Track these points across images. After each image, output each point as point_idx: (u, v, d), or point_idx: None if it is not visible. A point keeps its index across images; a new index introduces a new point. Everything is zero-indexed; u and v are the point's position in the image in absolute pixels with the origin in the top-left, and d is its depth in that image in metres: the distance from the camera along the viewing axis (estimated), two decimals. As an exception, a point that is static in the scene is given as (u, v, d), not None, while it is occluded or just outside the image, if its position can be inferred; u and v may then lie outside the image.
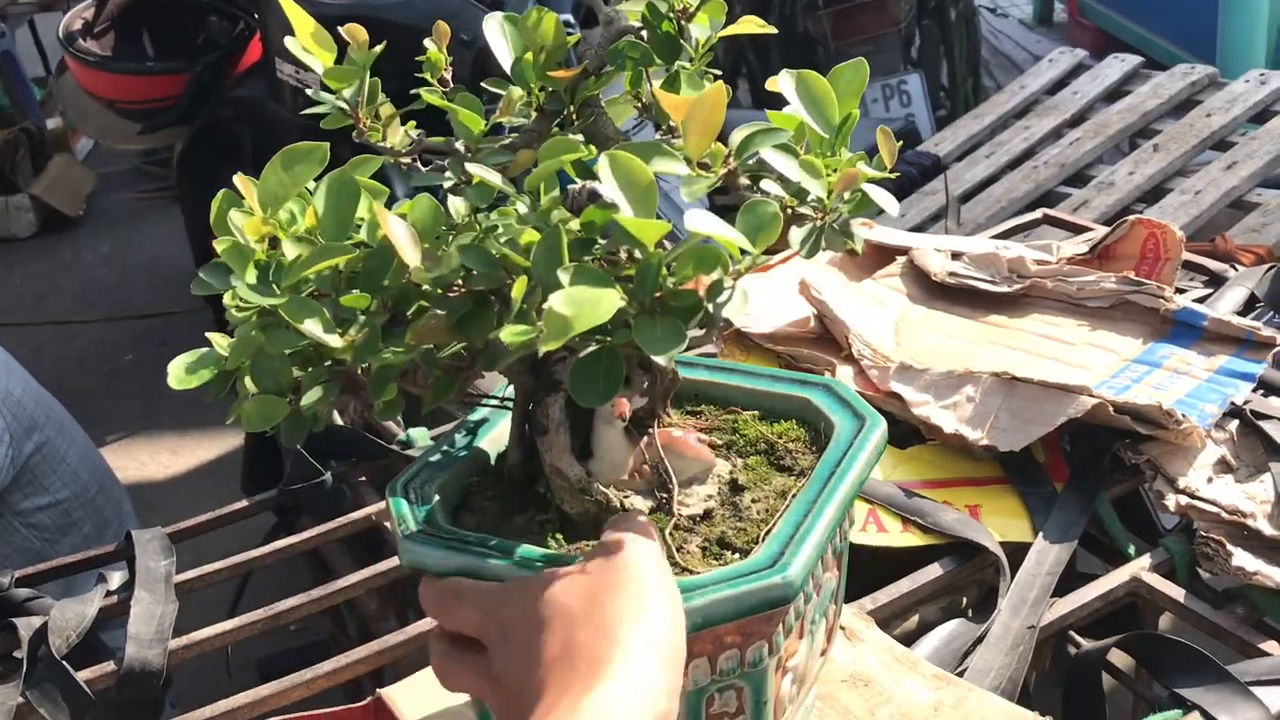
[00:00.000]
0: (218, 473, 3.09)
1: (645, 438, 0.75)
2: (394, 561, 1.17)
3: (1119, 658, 1.01)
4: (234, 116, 2.32)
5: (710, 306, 0.62)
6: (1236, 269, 1.57)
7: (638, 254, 0.62)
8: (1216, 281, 1.54)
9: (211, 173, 2.44)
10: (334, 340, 0.63)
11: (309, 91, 0.73)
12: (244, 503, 1.31)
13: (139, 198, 3.70)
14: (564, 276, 0.59)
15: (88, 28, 2.34)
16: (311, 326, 0.62)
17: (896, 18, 3.58)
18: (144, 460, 3.20)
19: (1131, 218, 1.50)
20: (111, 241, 4.50)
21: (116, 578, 1.20)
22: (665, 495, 0.74)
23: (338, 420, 1.44)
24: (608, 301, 0.57)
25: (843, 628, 0.98)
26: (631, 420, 0.75)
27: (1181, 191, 2.23)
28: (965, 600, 1.10)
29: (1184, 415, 1.14)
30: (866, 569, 1.07)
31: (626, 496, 0.74)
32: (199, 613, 1.21)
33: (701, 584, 0.66)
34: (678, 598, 0.63)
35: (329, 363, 0.67)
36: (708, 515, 0.74)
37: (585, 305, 0.56)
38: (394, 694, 0.98)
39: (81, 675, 1.02)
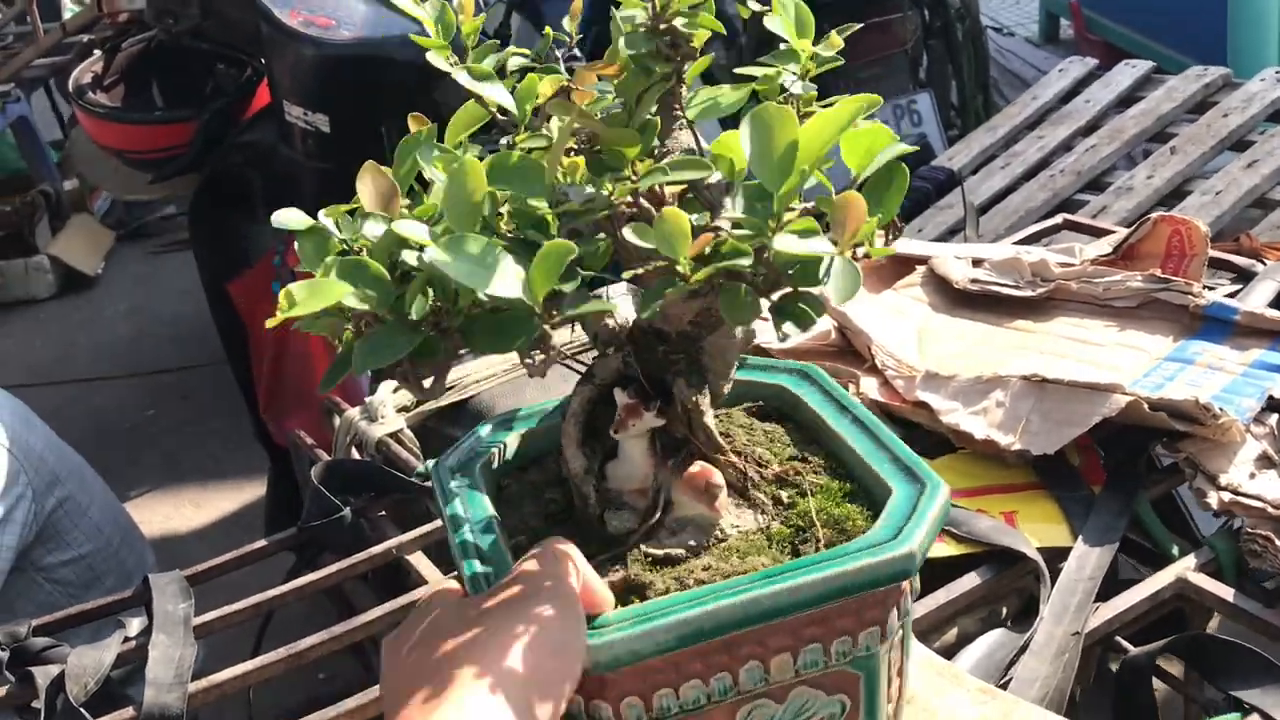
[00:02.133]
0: (241, 523, 3.08)
1: (670, 460, 0.73)
2: (417, 594, 1.14)
3: (1172, 665, 0.98)
4: (244, 162, 2.33)
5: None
6: (1265, 264, 1.53)
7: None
8: (1245, 277, 1.51)
9: (223, 219, 2.45)
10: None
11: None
12: (263, 542, 1.29)
13: (156, 252, 3.71)
14: None
15: (97, 81, 2.35)
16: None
17: (903, 38, 3.56)
18: (167, 514, 3.19)
19: (1155, 215, 1.47)
20: (130, 299, 4.52)
21: (135, 624, 1.18)
22: (647, 525, 0.72)
23: (355, 455, 1.42)
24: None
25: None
26: (663, 439, 0.73)
27: (1202, 193, 2.20)
28: (1005, 610, 1.06)
29: (1221, 409, 1.10)
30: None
31: (620, 510, 0.72)
32: (224, 656, 1.18)
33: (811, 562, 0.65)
34: (566, 641, 0.60)
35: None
36: (670, 560, 0.70)
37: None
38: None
39: (100, 723, 1.00)
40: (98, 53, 2.49)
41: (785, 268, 0.61)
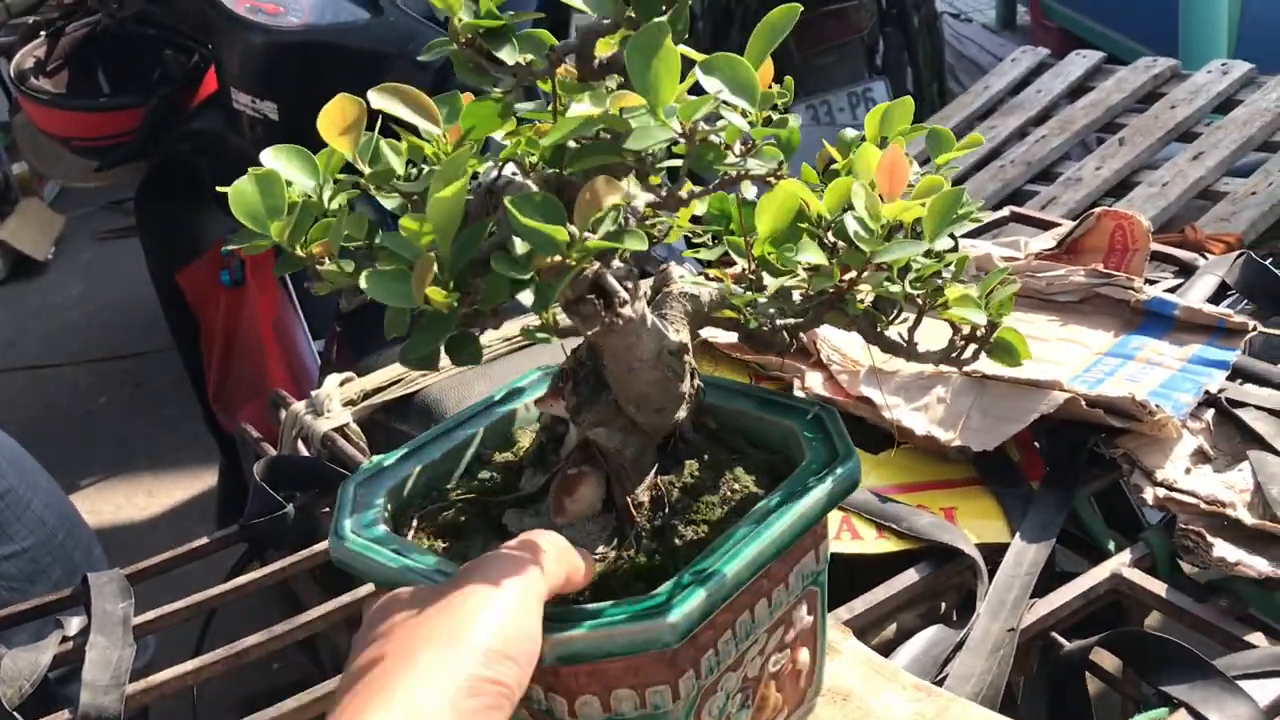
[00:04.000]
0: (194, 512, 3.05)
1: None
2: (363, 591, 1.14)
3: (1110, 660, 0.99)
4: (192, 149, 2.29)
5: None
6: (1207, 258, 1.55)
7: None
8: (1187, 271, 1.53)
9: (170, 208, 2.42)
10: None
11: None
12: (205, 539, 1.28)
13: (104, 237, 3.67)
14: None
15: (40, 66, 2.31)
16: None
17: (859, 25, 3.57)
18: (119, 503, 3.16)
19: (1097, 210, 1.48)
20: (81, 284, 4.46)
21: (75, 623, 1.17)
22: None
23: (303, 450, 1.41)
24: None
25: (819, 639, 0.95)
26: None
27: (1149, 184, 2.22)
28: (944, 605, 1.07)
29: (1158, 405, 1.12)
30: (842, 577, 1.04)
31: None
32: (173, 655, 1.17)
33: (594, 613, 0.65)
34: (517, 633, 0.60)
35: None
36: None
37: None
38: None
39: (34, 726, 0.98)
40: (41, 36, 2.44)
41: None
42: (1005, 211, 1.74)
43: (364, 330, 1.95)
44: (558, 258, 0.61)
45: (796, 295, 0.77)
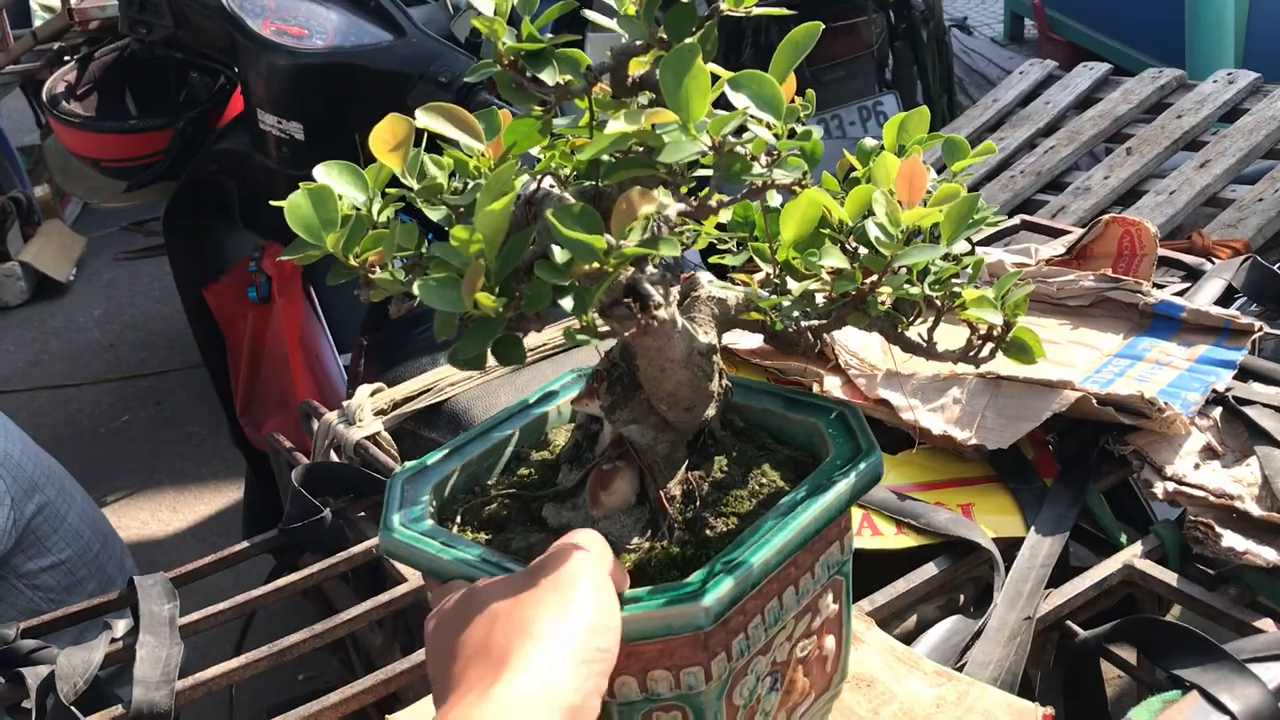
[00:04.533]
0: (219, 527, 3.10)
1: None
2: (397, 592, 1.18)
3: (1125, 649, 1.02)
4: (219, 169, 2.34)
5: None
6: (1213, 263, 1.59)
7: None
8: (1194, 276, 1.56)
9: (198, 227, 2.47)
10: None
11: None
12: (245, 544, 1.32)
13: (125, 258, 3.73)
14: None
15: (70, 90, 2.36)
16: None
17: (869, 41, 3.62)
18: (144, 519, 3.20)
19: (1106, 217, 1.52)
20: (103, 304, 4.52)
21: (121, 626, 1.21)
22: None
23: (335, 459, 1.45)
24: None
25: (843, 630, 0.99)
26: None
27: (1157, 192, 2.26)
28: (962, 598, 1.11)
29: (1166, 403, 1.16)
30: (865, 572, 1.08)
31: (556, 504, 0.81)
32: (206, 657, 1.21)
33: (633, 599, 0.69)
34: (609, 606, 0.65)
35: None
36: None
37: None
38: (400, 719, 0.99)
39: (90, 720, 1.03)
40: (71, 62, 2.50)
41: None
42: (1016, 220, 1.78)
43: (390, 344, 1.99)
44: (595, 264, 0.65)
45: (820, 298, 0.81)
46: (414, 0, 2.30)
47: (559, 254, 0.66)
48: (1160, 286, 1.50)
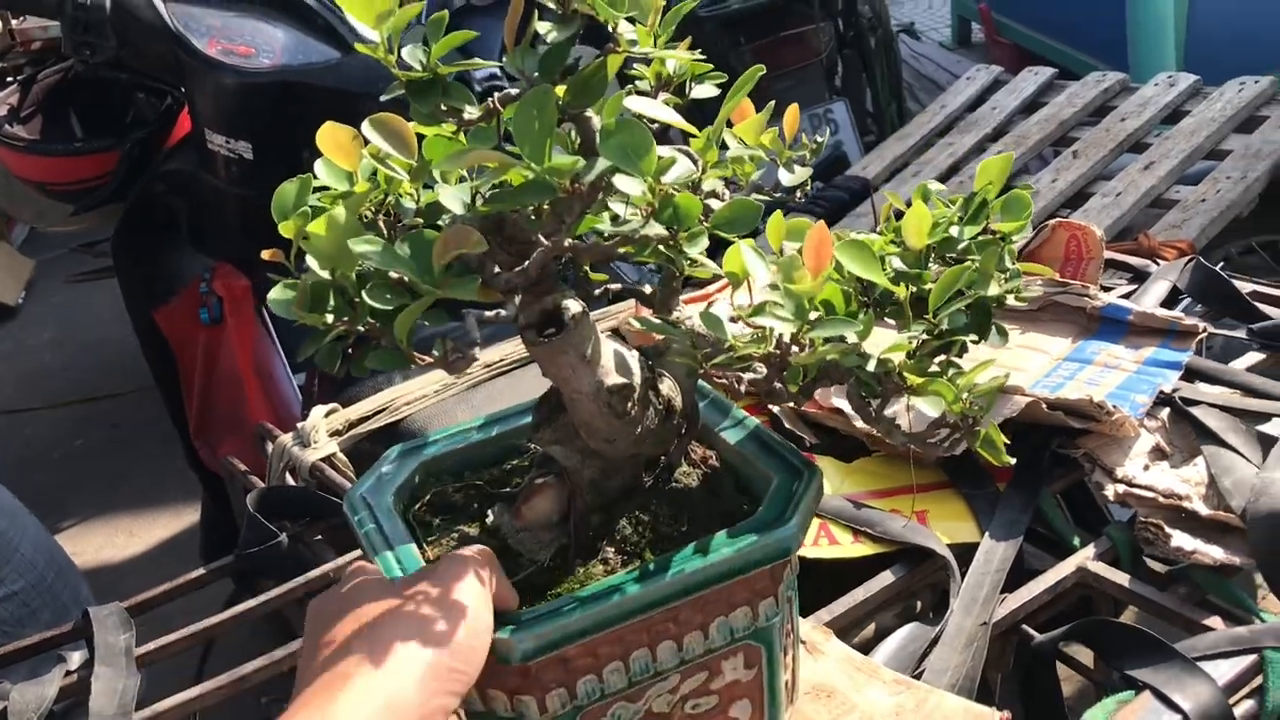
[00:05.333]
0: (177, 551, 3.07)
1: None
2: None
3: (1083, 651, 1.03)
4: (167, 190, 2.32)
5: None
6: (1159, 264, 1.62)
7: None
8: (1140, 278, 1.59)
9: (147, 248, 2.44)
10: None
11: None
12: (201, 570, 1.31)
13: (76, 280, 3.69)
14: None
15: (13, 113, 2.33)
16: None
17: (817, 49, 3.65)
18: (100, 544, 3.16)
19: (1052, 222, 1.54)
20: (53, 328, 4.47)
21: (76, 658, 1.20)
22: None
23: (290, 481, 1.44)
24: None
25: (803, 641, 0.99)
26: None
27: (1103, 194, 2.30)
28: (920, 604, 1.12)
29: (1115, 406, 1.17)
30: (824, 581, 1.08)
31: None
32: (164, 687, 1.20)
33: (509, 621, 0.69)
34: (476, 627, 0.66)
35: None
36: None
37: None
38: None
39: (45, 757, 1.01)
40: (13, 84, 2.47)
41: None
42: (965, 226, 1.79)
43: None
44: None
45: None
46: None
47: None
48: (1107, 289, 1.53)
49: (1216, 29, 3.85)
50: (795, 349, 0.70)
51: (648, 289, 0.82)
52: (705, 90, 0.76)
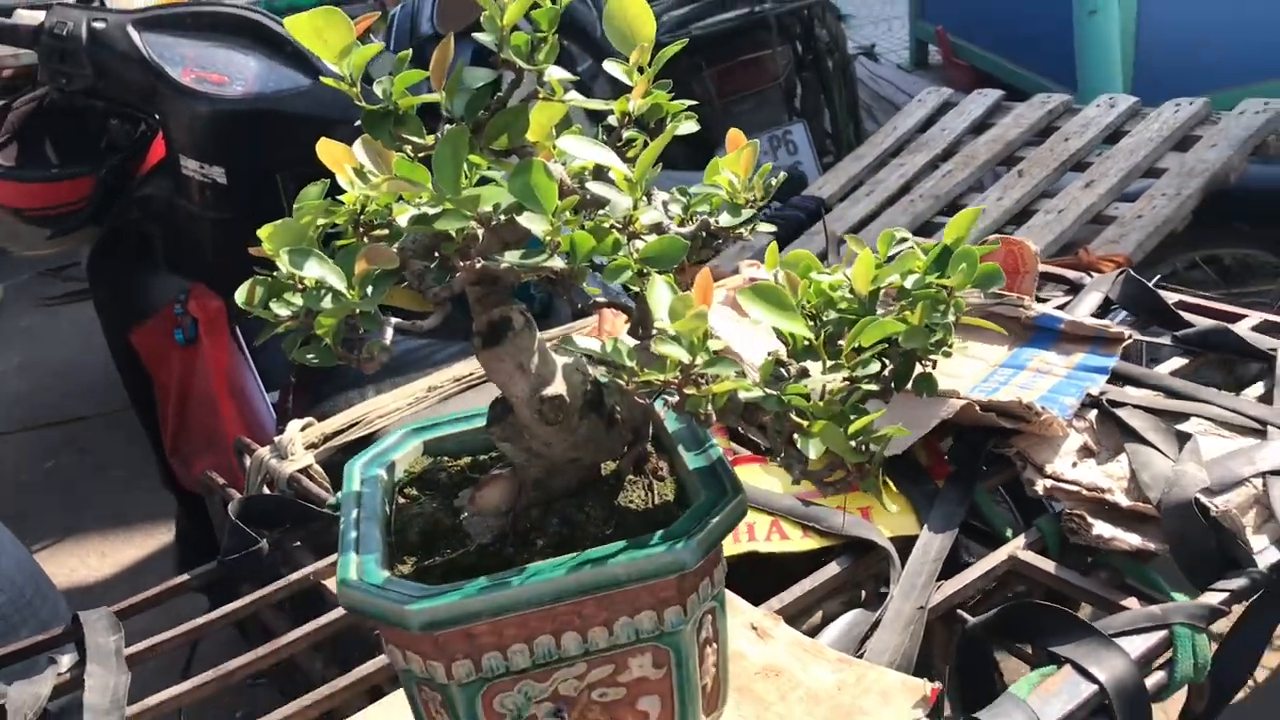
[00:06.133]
0: (149, 569, 3.10)
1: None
2: (334, 614, 1.24)
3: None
4: (142, 215, 2.38)
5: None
6: (1093, 277, 1.71)
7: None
8: (1076, 289, 1.68)
9: (123, 272, 2.50)
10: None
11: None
12: (185, 576, 1.37)
13: (49, 304, 3.72)
14: None
15: (-11, 141, 2.38)
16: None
17: (775, 72, 3.75)
18: (73, 566, 3.19)
19: (991, 237, 1.64)
20: (21, 352, 4.48)
21: (66, 661, 1.25)
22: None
23: (267, 491, 1.50)
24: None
25: (754, 626, 1.07)
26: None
27: (1046, 211, 2.39)
28: (864, 593, 1.20)
29: (1043, 408, 1.26)
30: (775, 573, 1.16)
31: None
32: (150, 689, 1.25)
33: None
34: None
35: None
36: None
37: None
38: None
39: (41, 751, 1.07)
40: (-13, 112, 2.52)
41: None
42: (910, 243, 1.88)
43: (318, 379, 2.05)
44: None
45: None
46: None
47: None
48: (1043, 300, 1.62)
49: (1163, 51, 3.99)
50: (690, 384, 0.73)
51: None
52: (689, 126, 0.83)
